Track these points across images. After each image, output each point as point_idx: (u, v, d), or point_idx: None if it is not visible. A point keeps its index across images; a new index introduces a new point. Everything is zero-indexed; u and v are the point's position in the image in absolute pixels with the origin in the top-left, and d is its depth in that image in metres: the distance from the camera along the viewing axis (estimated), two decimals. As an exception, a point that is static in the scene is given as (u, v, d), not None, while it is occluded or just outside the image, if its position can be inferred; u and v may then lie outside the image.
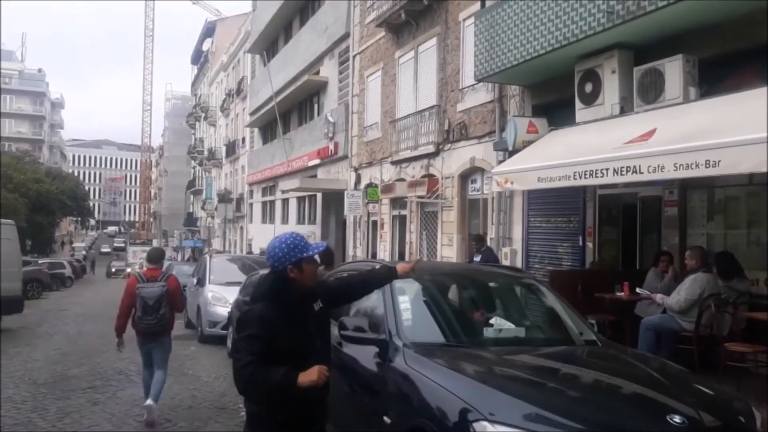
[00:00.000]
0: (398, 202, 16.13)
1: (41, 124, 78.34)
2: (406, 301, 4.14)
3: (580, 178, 7.07)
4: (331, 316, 4.75)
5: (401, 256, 16.06)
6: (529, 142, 9.12)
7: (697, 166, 5.60)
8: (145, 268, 7.05)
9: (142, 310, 6.43)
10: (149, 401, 6.47)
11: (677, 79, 7.25)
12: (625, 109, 8.05)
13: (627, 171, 6.42)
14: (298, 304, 2.96)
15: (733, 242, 7.37)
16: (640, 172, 6.27)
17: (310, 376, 2.74)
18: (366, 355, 4.05)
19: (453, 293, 4.66)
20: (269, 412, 2.88)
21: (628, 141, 6.80)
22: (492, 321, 4.08)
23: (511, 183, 8.32)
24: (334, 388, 3.24)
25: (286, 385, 2.71)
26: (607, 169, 6.69)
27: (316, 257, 3.07)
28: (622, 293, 7.10)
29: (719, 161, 5.39)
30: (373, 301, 4.60)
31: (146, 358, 6.81)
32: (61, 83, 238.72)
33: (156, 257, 6.94)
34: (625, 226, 9.26)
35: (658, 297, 6.88)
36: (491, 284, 4.73)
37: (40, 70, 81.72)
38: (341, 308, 4.94)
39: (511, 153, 9.72)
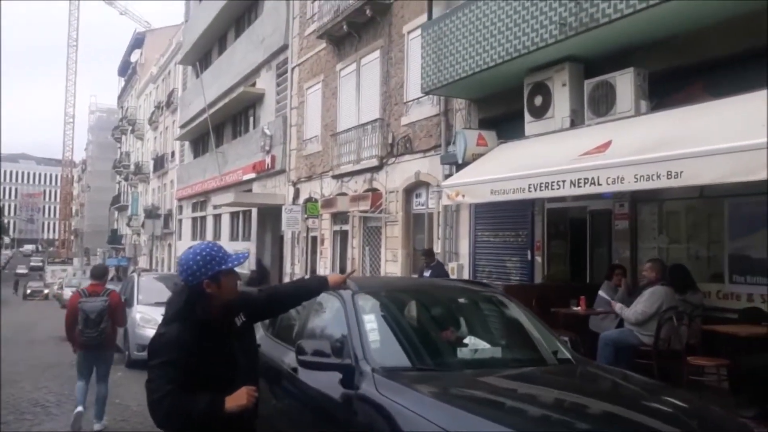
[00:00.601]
0: (340, 217, 15.72)
1: (-50, 135, 73.22)
2: (372, 321, 3.75)
3: (536, 190, 6.92)
4: (281, 338, 4.31)
5: (342, 271, 15.57)
6: (479, 155, 8.95)
7: (658, 177, 5.51)
8: (88, 284, 7.26)
9: (83, 324, 6.63)
10: (79, 408, 6.76)
11: (629, 92, 7.24)
12: (576, 122, 8.01)
13: (585, 183, 6.29)
14: (217, 323, 2.69)
15: (683, 255, 7.38)
16: (599, 184, 6.15)
17: (238, 400, 2.54)
18: (328, 383, 3.61)
19: (419, 311, 4.30)
20: None
21: (584, 153, 6.70)
22: (466, 340, 3.75)
23: (462, 196, 8.10)
24: (293, 421, 2.85)
25: (213, 412, 2.49)
26: (563, 181, 6.55)
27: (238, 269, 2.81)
28: (579, 308, 6.95)
29: (681, 172, 5.31)
30: (332, 320, 4.19)
31: (85, 370, 6.94)
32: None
33: (99, 274, 7.23)
34: (574, 240, 9.21)
35: (617, 306, 6.76)
36: (460, 300, 4.41)
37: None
38: (294, 330, 4.51)
39: (460, 166, 9.52)
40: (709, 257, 7.16)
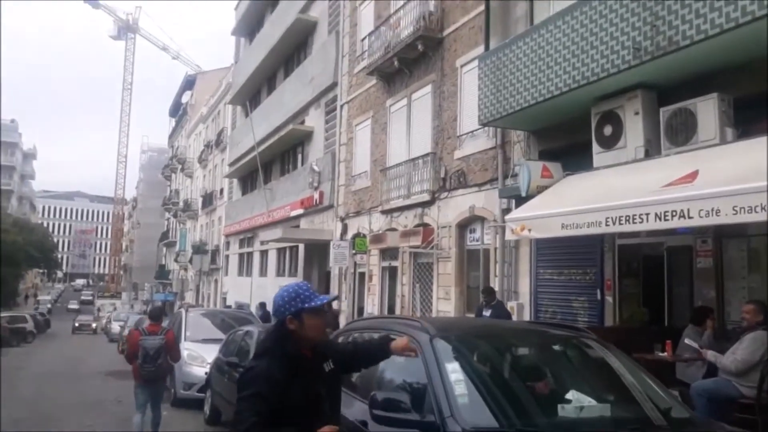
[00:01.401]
0: (388, 253, 15.32)
1: (11, 174, 76.37)
2: (457, 371, 3.29)
3: (614, 224, 6.40)
4: (347, 385, 3.90)
5: (391, 310, 15.15)
6: (543, 188, 8.47)
7: (763, 209, 4.94)
8: (147, 324, 8.09)
9: (143, 359, 7.43)
10: None
11: (712, 119, 6.71)
12: (651, 152, 7.49)
13: (673, 216, 5.76)
14: (305, 361, 2.73)
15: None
16: (689, 217, 5.61)
17: None
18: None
19: (508, 359, 3.82)
20: None
21: (668, 184, 6.17)
22: (568, 396, 3.25)
23: (529, 230, 7.61)
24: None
25: None
26: (647, 214, 6.02)
27: (327, 307, 2.85)
28: (665, 353, 6.30)
29: (788, 204, 4.74)
30: (407, 369, 3.75)
31: (142, 401, 7.63)
32: (34, 133, 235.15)
33: (156, 315, 8.24)
34: (648, 279, 8.57)
35: (710, 354, 6.09)
36: (554, 347, 3.91)
37: (12, 120, 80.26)
38: (360, 376, 4.07)
39: (521, 200, 9.04)
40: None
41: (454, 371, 3.27)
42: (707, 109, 6.75)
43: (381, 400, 3.19)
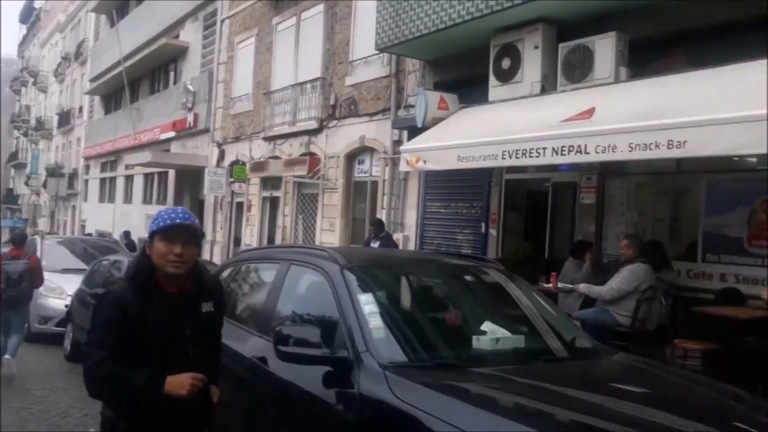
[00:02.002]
0: (270, 182, 14.70)
1: None
2: (371, 303, 3.02)
3: (511, 157, 6.37)
4: (241, 319, 3.54)
5: (270, 241, 14.69)
6: (440, 119, 8.29)
7: (657, 146, 5.06)
8: (9, 248, 8.05)
9: (5, 283, 7.32)
10: (6, 356, 7.53)
11: (609, 58, 6.78)
12: (547, 87, 7.51)
13: (570, 151, 5.79)
14: (164, 294, 2.44)
15: (653, 232, 7.09)
16: (586, 152, 5.66)
17: (178, 387, 2.28)
18: (311, 378, 2.87)
19: (421, 291, 3.62)
20: (127, 425, 2.40)
21: (566, 119, 6.19)
22: (484, 327, 3.10)
23: (424, 162, 7.44)
24: (257, 423, 2.77)
25: (150, 391, 2.26)
26: (544, 149, 6.02)
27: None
28: (550, 285, 6.50)
29: (684, 142, 4.88)
30: (314, 301, 3.44)
31: (5, 326, 7.60)
32: None
33: (19, 240, 8.25)
34: (532, 214, 8.81)
35: (582, 286, 6.36)
36: (466, 277, 3.76)
37: None
38: (259, 310, 3.71)
39: (414, 131, 8.84)
40: (682, 234, 6.91)
41: (367, 303, 3.00)
42: (605, 48, 6.80)
43: (287, 335, 2.86)
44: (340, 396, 2.78)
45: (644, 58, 6.83)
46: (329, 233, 12.40)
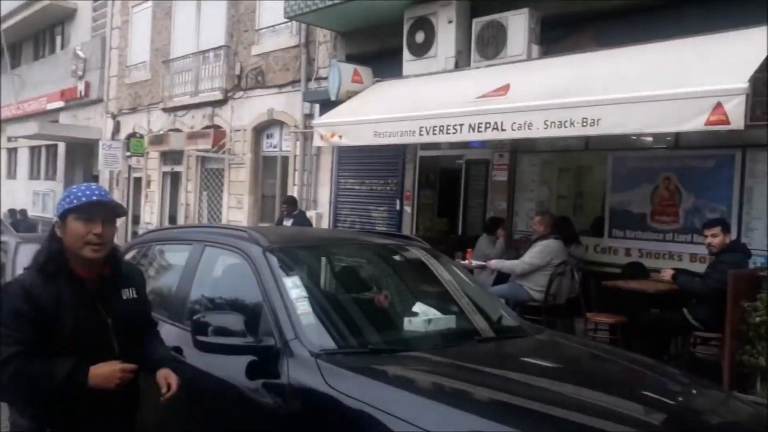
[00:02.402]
0: (171, 157, 13.91)
1: None
2: (299, 287, 2.82)
3: (428, 134, 6.30)
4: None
5: (173, 220, 13.98)
6: (354, 93, 8.09)
7: (572, 124, 5.14)
8: None
9: None
10: None
11: (521, 35, 6.84)
12: (461, 63, 7.49)
13: (486, 127, 5.78)
14: (77, 280, 2.18)
15: (562, 208, 7.29)
16: (502, 129, 5.68)
17: (106, 379, 2.08)
18: (236, 368, 2.66)
19: (349, 272, 3.45)
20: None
21: (482, 95, 6.18)
22: (415, 308, 2.99)
23: (339, 137, 7.23)
24: (175, 416, 2.52)
25: (73, 383, 2.03)
26: (461, 125, 5.98)
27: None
28: (467, 261, 6.53)
29: (599, 120, 4.97)
30: (234, 286, 3.19)
31: None
32: None
33: None
34: (444, 191, 8.84)
35: (493, 262, 6.45)
36: (395, 257, 3.62)
37: None
38: (172, 296, 3.42)
39: (327, 104, 8.58)
40: (589, 211, 7.15)
41: (294, 288, 2.80)
42: (518, 24, 6.84)
43: (205, 323, 2.61)
44: (267, 387, 2.58)
45: (554, 36, 6.95)
46: (237, 211, 11.93)
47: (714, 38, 5.15)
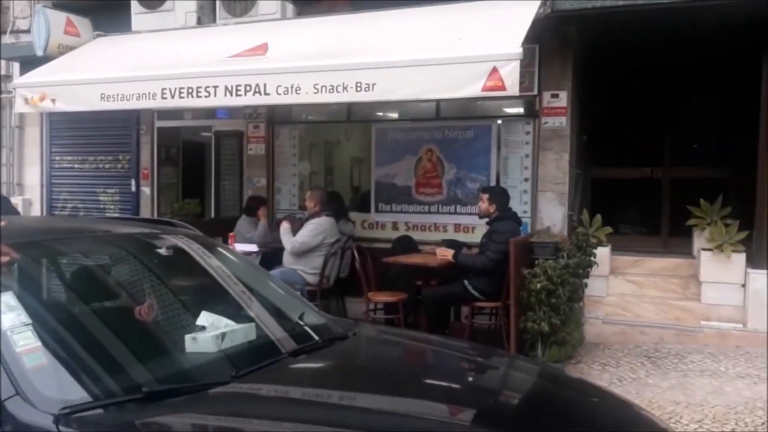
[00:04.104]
0: None
1: None
2: (15, 309, 1.78)
3: (172, 97, 5.28)
4: None
5: None
6: (68, 48, 6.53)
7: (345, 89, 4.65)
8: None
9: None
10: None
11: (275, -7, 6.14)
12: (204, 20, 6.52)
13: (247, 90, 5.01)
14: None
15: (327, 183, 6.85)
16: (266, 93, 4.97)
17: None
18: None
19: (92, 278, 2.40)
20: None
21: (237, 54, 5.36)
22: (202, 321, 2.15)
23: (53, 101, 5.73)
24: None
25: None
26: (215, 87, 5.11)
27: None
28: (231, 245, 5.66)
29: (374, 84, 4.56)
30: None
31: None
32: None
33: None
34: (191, 168, 7.76)
35: (283, 226, 5.71)
36: (159, 251, 2.65)
37: None
38: None
39: (33, 61, 6.78)
40: (355, 185, 6.82)
41: (7, 311, 1.76)
42: (271, -20, 6.12)
43: None
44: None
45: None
46: None
47: (484, 5, 5.09)
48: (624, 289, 5.83)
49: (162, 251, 2.68)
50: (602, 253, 5.43)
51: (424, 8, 5.37)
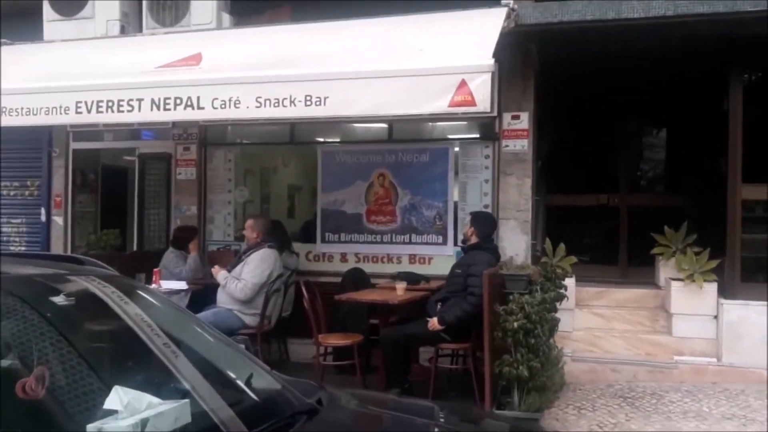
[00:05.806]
0: None
1: None
2: None
3: (90, 111, 4.57)
4: None
5: None
6: (-34, 57, 5.67)
7: (293, 103, 4.08)
8: None
9: None
10: None
11: (210, 2, 5.56)
12: (129, 29, 5.87)
13: (177, 104, 4.36)
14: None
15: (266, 211, 6.22)
16: (200, 107, 4.33)
17: None
18: None
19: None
20: None
21: (166, 64, 4.72)
22: (113, 401, 1.51)
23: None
24: None
25: None
26: (141, 100, 4.44)
27: None
28: (153, 285, 4.92)
29: (326, 98, 4.01)
30: None
31: None
32: None
33: None
34: (110, 195, 6.95)
35: (220, 275, 4.97)
36: (55, 299, 1.95)
37: None
38: None
39: None
40: (299, 213, 6.21)
41: None
42: (205, -15, 5.55)
43: None
44: None
45: (244, 10, 5.87)
46: None
47: (441, 17, 4.67)
48: (590, 323, 5.47)
49: (58, 299, 2.00)
50: (568, 284, 5.05)
51: (377, 20, 4.89)
